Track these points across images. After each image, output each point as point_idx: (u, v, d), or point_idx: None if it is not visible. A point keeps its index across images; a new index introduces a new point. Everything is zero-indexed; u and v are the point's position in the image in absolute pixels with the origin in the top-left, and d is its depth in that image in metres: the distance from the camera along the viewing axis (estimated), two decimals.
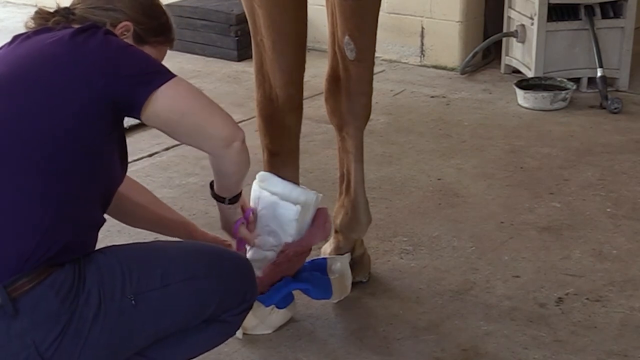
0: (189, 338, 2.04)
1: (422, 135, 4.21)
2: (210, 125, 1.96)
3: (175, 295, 1.93)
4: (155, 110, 1.91)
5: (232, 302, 2.05)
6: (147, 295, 1.90)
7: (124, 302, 1.86)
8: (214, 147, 1.99)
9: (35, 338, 1.77)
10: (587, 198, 3.52)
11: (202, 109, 1.96)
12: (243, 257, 2.17)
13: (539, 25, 4.69)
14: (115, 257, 1.91)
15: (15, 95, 1.87)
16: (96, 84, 1.86)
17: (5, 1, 7.01)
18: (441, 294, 2.84)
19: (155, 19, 2.13)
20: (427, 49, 5.27)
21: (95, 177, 1.91)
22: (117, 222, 2.23)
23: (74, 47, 1.91)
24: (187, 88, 1.97)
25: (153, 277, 1.92)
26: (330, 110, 2.78)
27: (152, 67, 1.96)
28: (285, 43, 2.58)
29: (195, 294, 1.96)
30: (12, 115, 1.85)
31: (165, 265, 1.95)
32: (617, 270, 2.98)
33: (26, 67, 1.91)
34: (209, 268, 2.00)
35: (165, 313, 1.94)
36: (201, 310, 2.00)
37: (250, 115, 4.28)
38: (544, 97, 4.52)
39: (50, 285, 1.79)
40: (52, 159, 1.84)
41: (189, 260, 1.99)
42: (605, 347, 2.55)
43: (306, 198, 2.55)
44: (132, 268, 1.90)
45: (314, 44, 4.93)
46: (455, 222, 3.33)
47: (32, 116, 1.85)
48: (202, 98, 1.98)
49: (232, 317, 2.07)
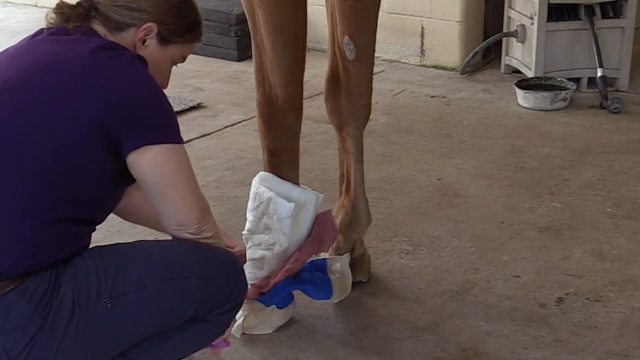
0: (173, 338, 2.00)
1: (422, 135, 4.21)
2: (173, 207, 1.93)
3: (153, 297, 1.90)
4: (134, 164, 1.88)
5: (217, 302, 2.00)
6: (123, 298, 1.87)
7: (99, 306, 1.84)
8: (168, 225, 1.97)
9: (6, 344, 1.77)
10: (587, 198, 3.52)
11: (176, 189, 1.92)
12: (231, 256, 2.10)
13: (539, 25, 4.69)
14: (93, 260, 1.88)
15: (19, 103, 1.85)
16: (98, 110, 1.83)
17: (5, 1, 7.00)
18: (441, 294, 2.84)
19: (183, 18, 2.05)
20: (427, 49, 5.27)
21: (84, 198, 1.89)
22: (117, 223, 2.23)
23: (91, 65, 1.87)
24: (178, 162, 1.91)
25: (129, 280, 1.88)
26: (330, 110, 2.78)
27: (160, 121, 1.90)
28: (285, 43, 2.58)
29: (174, 295, 1.93)
30: (12, 124, 1.83)
31: (143, 266, 1.91)
32: (617, 270, 2.98)
33: (39, 75, 1.87)
34: (190, 268, 1.95)
35: (144, 315, 1.91)
36: (182, 312, 1.96)
37: (250, 115, 4.29)
38: (544, 97, 4.52)
39: (22, 292, 1.78)
40: (41, 175, 1.82)
41: (168, 261, 1.95)
42: (605, 347, 2.55)
43: (306, 198, 2.56)
44: (109, 271, 1.87)
45: (314, 44, 4.93)
46: (455, 222, 3.33)
47: (30, 129, 1.83)
48: (184, 179, 1.93)
49: (218, 317, 2.03)
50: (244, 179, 3.61)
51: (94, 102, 1.83)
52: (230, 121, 4.39)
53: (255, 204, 2.57)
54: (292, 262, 2.53)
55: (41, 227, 1.82)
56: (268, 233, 2.55)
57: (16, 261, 1.79)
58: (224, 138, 4.17)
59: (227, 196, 3.54)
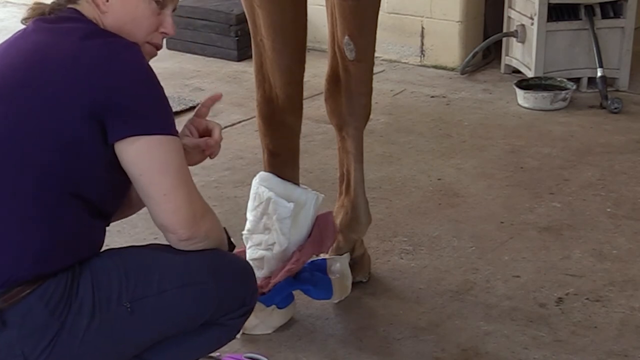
0: (188, 341, 2.00)
1: (422, 135, 4.21)
2: (156, 206, 1.83)
3: (171, 302, 1.89)
4: (121, 154, 1.81)
5: (231, 306, 2.00)
6: (143, 301, 1.85)
7: (119, 310, 1.83)
8: (170, 223, 1.86)
9: (24, 348, 1.75)
10: (587, 198, 3.52)
11: (161, 184, 1.81)
12: (243, 261, 2.12)
13: (539, 25, 4.69)
14: (113, 262, 1.86)
15: (12, 99, 1.80)
16: (91, 100, 1.77)
17: (5, 1, 7.00)
18: (441, 294, 2.84)
19: None
20: (427, 49, 5.26)
21: (90, 191, 1.85)
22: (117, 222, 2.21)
23: (81, 55, 1.80)
24: (166, 154, 1.81)
25: (150, 283, 1.86)
26: (330, 111, 2.77)
27: (149, 111, 1.82)
28: (285, 43, 2.58)
29: (192, 300, 1.91)
30: (9, 123, 1.79)
31: (162, 270, 1.89)
32: (617, 270, 2.98)
33: (30, 68, 1.81)
34: (207, 274, 1.93)
35: (162, 319, 1.90)
36: (199, 316, 1.95)
37: (250, 115, 4.29)
38: (544, 97, 4.52)
39: (40, 296, 1.76)
40: (44, 172, 1.78)
41: (187, 266, 1.92)
42: (605, 347, 2.55)
43: (306, 198, 2.56)
44: (130, 274, 1.85)
45: (314, 44, 4.93)
46: (455, 222, 3.33)
47: (30, 127, 1.78)
48: (172, 174, 1.82)
49: (231, 321, 2.03)
50: (244, 179, 3.61)
51: (86, 93, 1.77)
52: (230, 121, 4.39)
53: (255, 204, 2.57)
54: (292, 262, 2.53)
55: (52, 226, 1.79)
56: (268, 233, 2.55)
57: (32, 265, 1.76)
58: (224, 138, 4.12)
59: (227, 196, 3.54)
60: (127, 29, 1.91)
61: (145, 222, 3.12)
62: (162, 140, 1.81)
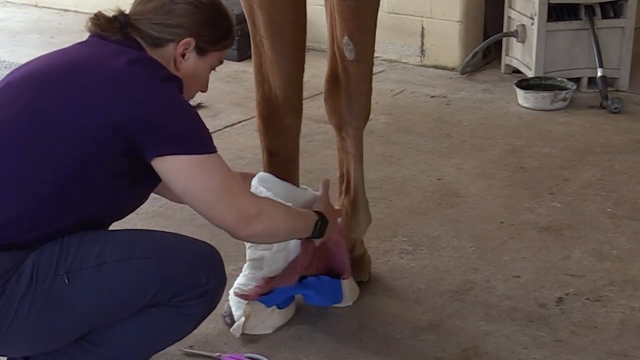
0: (138, 324, 2.00)
1: (422, 135, 4.21)
2: (205, 214, 2.01)
3: (110, 275, 1.91)
4: (160, 171, 1.94)
5: (181, 286, 1.99)
6: (80, 273, 1.89)
7: (56, 280, 1.86)
8: (223, 227, 2.03)
9: None
10: (587, 198, 3.52)
11: (205, 200, 1.97)
12: (208, 246, 2.11)
13: (539, 25, 4.69)
14: (61, 238, 1.91)
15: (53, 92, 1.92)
16: (124, 116, 1.88)
17: (5, 1, 7.00)
18: (441, 294, 2.84)
19: (218, 28, 2.11)
20: (427, 49, 5.27)
21: (93, 198, 1.94)
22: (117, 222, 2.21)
23: (126, 75, 1.93)
24: (204, 173, 1.95)
25: (89, 256, 1.90)
26: (329, 111, 2.77)
27: (187, 133, 1.95)
28: (285, 43, 2.58)
29: (132, 274, 1.93)
30: (43, 111, 1.91)
31: (105, 245, 1.93)
32: (617, 270, 2.98)
33: (72, 72, 1.95)
34: (151, 249, 1.97)
35: (101, 293, 1.91)
36: (141, 292, 1.96)
37: (250, 115, 4.28)
38: (544, 97, 4.52)
39: None
40: (59, 169, 1.89)
41: (132, 243, 1.97)
42: (605, 347, 2.55)
43: (305, 198, 2.56)
44: (70, 247, 1.89)
45: (314, 44, 4.93)
46: (455, 222, 3.33)
47: (53, 123, 1.90)
48: (213, 189, 1.97)
49: (185, 303, 2.02)
50: None
51: (121, 107, 1.89)
52: (230, 121, 4.39)
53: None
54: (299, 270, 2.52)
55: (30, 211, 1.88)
56: None
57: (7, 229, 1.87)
58: (224, 138, 4.17)
59: None
60: (190, 82, 2.11)
61: (146, 221, 3.13)
62: (199, 160, 1.94)
